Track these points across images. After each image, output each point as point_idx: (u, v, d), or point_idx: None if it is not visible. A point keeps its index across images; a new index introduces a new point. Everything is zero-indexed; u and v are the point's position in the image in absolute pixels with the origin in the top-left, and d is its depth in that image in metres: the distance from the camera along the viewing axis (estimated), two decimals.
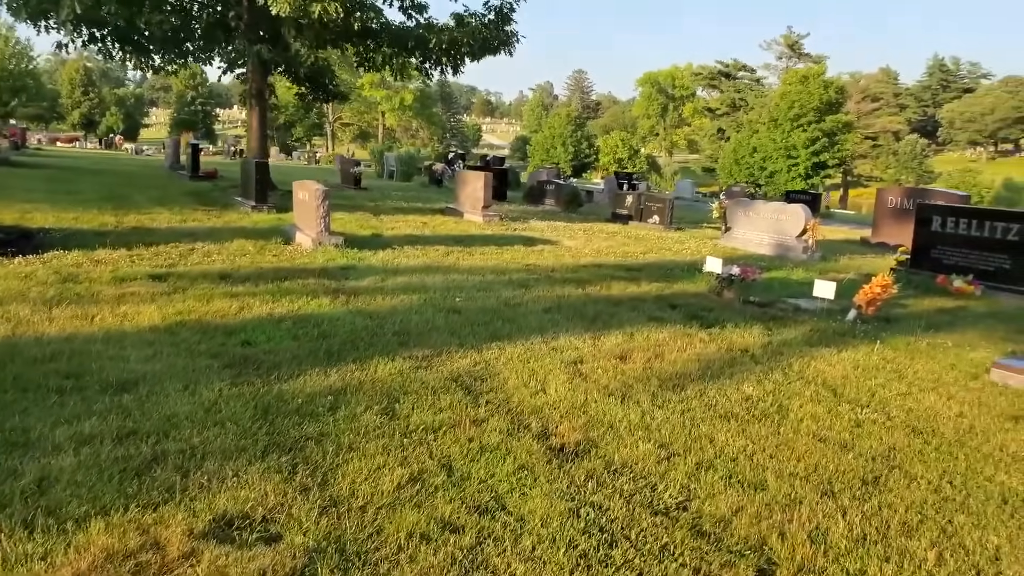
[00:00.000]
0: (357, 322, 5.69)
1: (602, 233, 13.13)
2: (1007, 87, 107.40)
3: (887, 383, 5.25)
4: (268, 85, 17.38)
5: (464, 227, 12.45)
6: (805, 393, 4.88)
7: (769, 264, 10.65)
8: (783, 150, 47.25)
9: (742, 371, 5.26)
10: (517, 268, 8.81)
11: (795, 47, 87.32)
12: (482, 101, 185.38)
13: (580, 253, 10.51)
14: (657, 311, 7.02)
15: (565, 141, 79.14)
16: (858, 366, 5.63)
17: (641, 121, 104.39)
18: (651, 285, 8.37)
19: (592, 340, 5.79)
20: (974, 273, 9.12)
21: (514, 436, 3.80)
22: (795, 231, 11.43)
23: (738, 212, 12.52)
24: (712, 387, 4.86)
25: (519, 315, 6.40)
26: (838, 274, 10.24)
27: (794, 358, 5.71)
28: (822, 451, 3.94)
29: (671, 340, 5.97)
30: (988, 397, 5.11)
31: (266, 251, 8.44)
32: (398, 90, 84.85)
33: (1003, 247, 8.88)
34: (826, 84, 47.24)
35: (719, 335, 6.26)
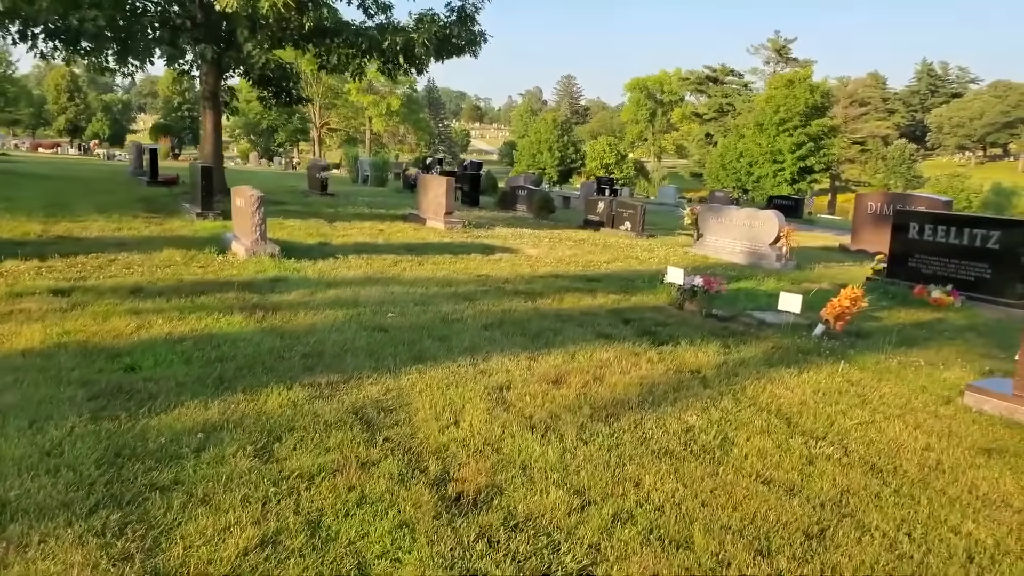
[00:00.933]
0: (265, 343, 5.17)
1: (569, 241, 12.66)
2: (995, 92, 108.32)
3: (849, 410, 4.78)
4: (230, 88, 16.86)
5: (423, 234, 11.94)
6: (755, 423, 4.39)
7: (740, 273, 10.21)
8: (769, 155, 47.06)
9: (688, 397, 4.77)
10: (467, 279, 8.31)
11: (782, 51, 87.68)
12: (471, 107, 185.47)
13: (540, 262, 10.02)
14: (608, 327, 6.54)
15: (551, 146, 78.95)
16: (819, 390, 5.16)
17: (629, 126, 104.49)
18: (608, 297, 7.89)
19: (528, 361, 5.29)
20: (953, 283, 8.70)
21: (405, 483, 3.29)
22: (768, 238, 11.00)
23: (710, 219, 12.09)
24: (651, 416, 4.37)
25: (454, 332, 5.90)
26: (812, 284, 9.82)
27: (749, 381, 5.23)
28: (764, 497, 3.45)
29: (616, 360, 5.48)
30: (960, 426, 4.65)
31: (194, 261, 7.90)
32: (385, 95, 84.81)
33: (983, 255, 8.47)
34: (812, 88, 47.12)
35: (670, 354, 5.78)
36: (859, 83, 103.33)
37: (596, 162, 76.64)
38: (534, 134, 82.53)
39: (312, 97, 18.36)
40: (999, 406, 4.99)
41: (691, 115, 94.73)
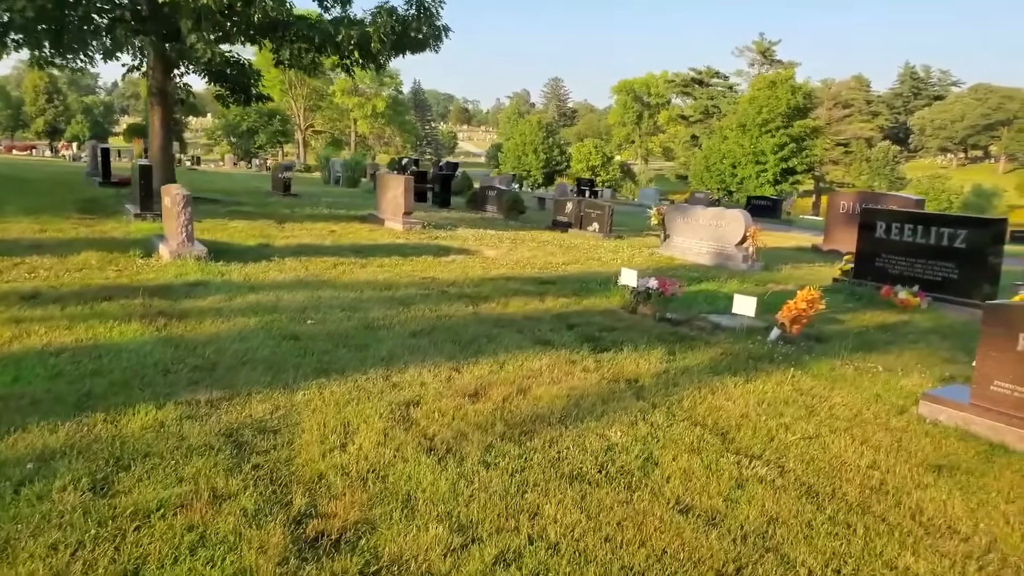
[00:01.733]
0: (154, 354, 4.70)
1: (533, 242, 12.24)
2: (976, 95, 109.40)
3: (793, 423, 4.39)
4: (185, 85, 16.31)
5: (377, 236, 11.48)
6: (686, 440, 3.98)
7: (704, 275, 9.83)
8: (751, 156, 46.94)
9: (618, 410, 4.36)
10: (410, 282, 7.87)
11: (767, 53, 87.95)
12: (459, 109, 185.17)
13: (495, 264, 9.60)
14: (549, 332, 6.12)
15: (536, 148, 78.76)
16: (764, 400, 4.76)
17: (616, 129, 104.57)
18: (558, 300, 7.48)
19: (451, 372, 4.86)
20: (920, 284, 8.37)
21: (259, 521, 2.85)
22: (735, 239, 10.64)
23: (676, 219, 11.72)
24: (570, 433, 3.95)
25: (376, 341, 5.45)
26: (777, 285, 9.47)
27: (689, 391, 4.83)
28: (679, 529, 3.03)
29: (548, 369, 5.06)
30: (911, 439, 4.27)
31: (111, 265, 7.40)
32: (370, 97, 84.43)
33: (950, 255, 8.14)
34: (794, 89, 47.08)
35: (610, 362, 5.37)
36: (843, 85, 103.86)
37: (582, 164, 76.55)
38: (519, 136, 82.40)
39: (271, 95, 17.70)
40: (955, 416, 4.62)
41: (677, 117, 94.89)
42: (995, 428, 4.44)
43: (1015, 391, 4.43)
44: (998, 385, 4.51)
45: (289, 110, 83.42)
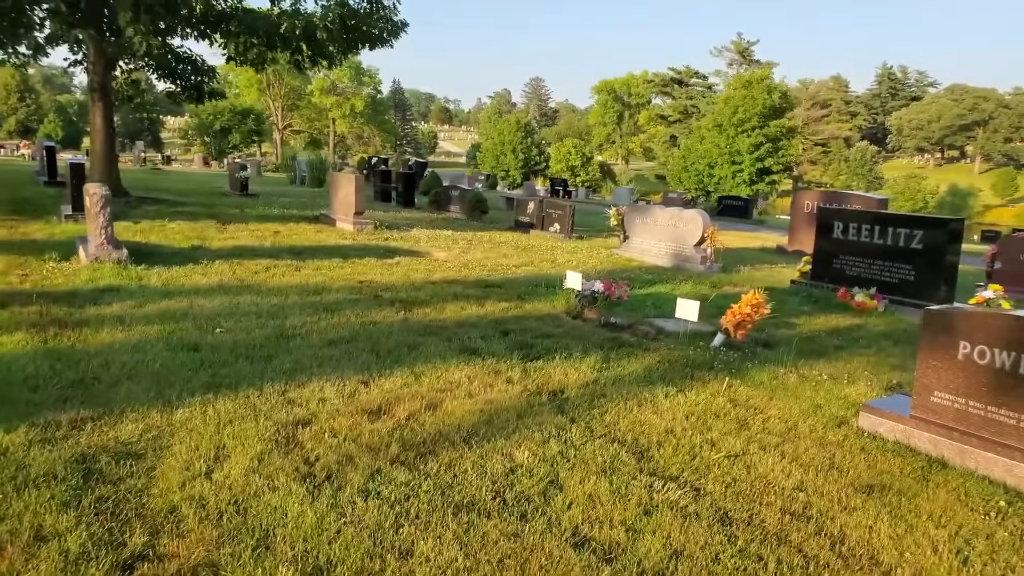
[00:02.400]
0: (28, 368, 4.31)
1: (489, 243, 11.92)
2: (952, 95, 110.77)
3: (721, 439, 4.10)
4: (134, 81, 15.81)
5: (324, 236, 11.10)
6: (599, 459, 3.68)
7: (659, 276, 9.57)
8: (727, 155, 46.98)
9: (533, 426, 4.05)
10: (344, 286, 7.51)
11: (745, 53, 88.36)
12: (439, 108, 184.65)
13: (442, 266, 9.26)
14: (480, 340, 5.80)
15: (515, 148, 78.59)
16: (693, 413, 4.47)
17: (597, 129, 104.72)
18: (499, 305, 7.16)
19: (358, 386, 4.52)
20: (877, 286, 8.16)
21: (79, 567, 2.49)
22: (693, 239, 10.39)
23: (635, 219, 11.45)
24: (473, 454, 3.63)
25: (284, 351, 5.10)
26: (733, 287, 9.23)
27: (616, 403, 4.53)
28: (568, 566, 2.73)
29: (468, 382, 4.74)
30: (845, 456, 4.00)
31: (19, 269, 6.98)
32: (349, 97, 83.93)
33: (907, 256, 7.94)
34: (770, 89, 47.19)
35: (538, 371, 5.06)
36: (821, 85, 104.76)
37: (561, 164, 76.53)
38: (497, 135, 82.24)
39: (224, 91, 17.11)
40: (894, 429, 4.37)
41: (657, 117, 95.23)
42: (935, 442, 4.19)
43: (955, 402, 4.18)
44: (939, 396, 4.26)
45: (267, 109, 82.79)
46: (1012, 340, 3.93)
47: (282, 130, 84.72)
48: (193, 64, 15.46)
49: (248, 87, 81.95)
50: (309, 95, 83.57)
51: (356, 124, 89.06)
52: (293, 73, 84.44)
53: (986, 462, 3.97)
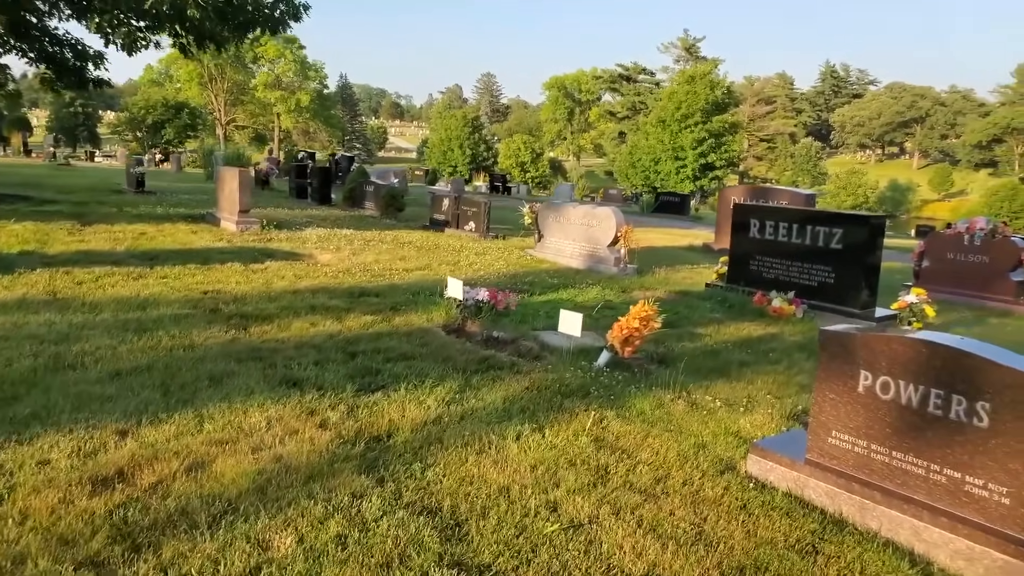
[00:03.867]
0: None
1: (392, 243, 10.92)
2: (891, 93, 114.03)
3: (568, 499, 3.23)
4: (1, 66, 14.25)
5: (197, 238, 9.94)
6: (388, 545, 2.76)
7: (568, 280, 8.72)
8: (671, 151, 46.79)
9: (322, 493, 3.11)
10: (181, 298, 6.44)
11: (691, 50, 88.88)
12: (390, 104, 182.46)
13: (319, 271, 8.24)
14: (313, 367, 4.82)
15: (462, 143, 77.57)
16: (544, 461, 3.59)
17: (548, 125, 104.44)
18: (362, 319, 6.19)
19: (111, 437, 3.52)
20: (796, 289, 7.47)
21: None
22: (606, 239, 9.60)
23: (549, 218, 10.61)
24: (214, 544, 2.67)
25: (43, 388, 4.04)
26: (646, 291, 8.46)
27: (451, 451, 3.63)
28: None
29: (266, 427, 3.78)
30: (720, 520, 3.17)
31: None
32: (294, 91, 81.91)
33: (827, 257, 7.26)
34: (713, 84, 47.16)
35: (368, 409, 4.13)
36: (766, 82, 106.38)
37: (511, 160, 75.86)
38: (444, 131, 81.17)
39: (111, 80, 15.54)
40: (786, 477, 3.57)
41: (606, 114, 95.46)
42: (832, 495, 3.40)
43: (855, 446, 3.40)
44: (837, 437, 3.48)
45: (209, 104, 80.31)
46: (920, 370, 3.16)
47: (225, 125, 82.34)
48: (73, 48, 13.99)
49: (189, 81, 79.50)
50: (253, 90, 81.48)
51: (302, 119, 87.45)
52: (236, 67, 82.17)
53: (890, 522, 3.19)
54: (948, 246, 9.58)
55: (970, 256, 9.32)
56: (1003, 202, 59.48)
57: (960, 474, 3.05)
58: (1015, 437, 2.88)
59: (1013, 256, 9.02)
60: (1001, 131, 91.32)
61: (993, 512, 2.95)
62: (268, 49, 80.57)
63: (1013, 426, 2.88)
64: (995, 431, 2.93)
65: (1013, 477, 2.89)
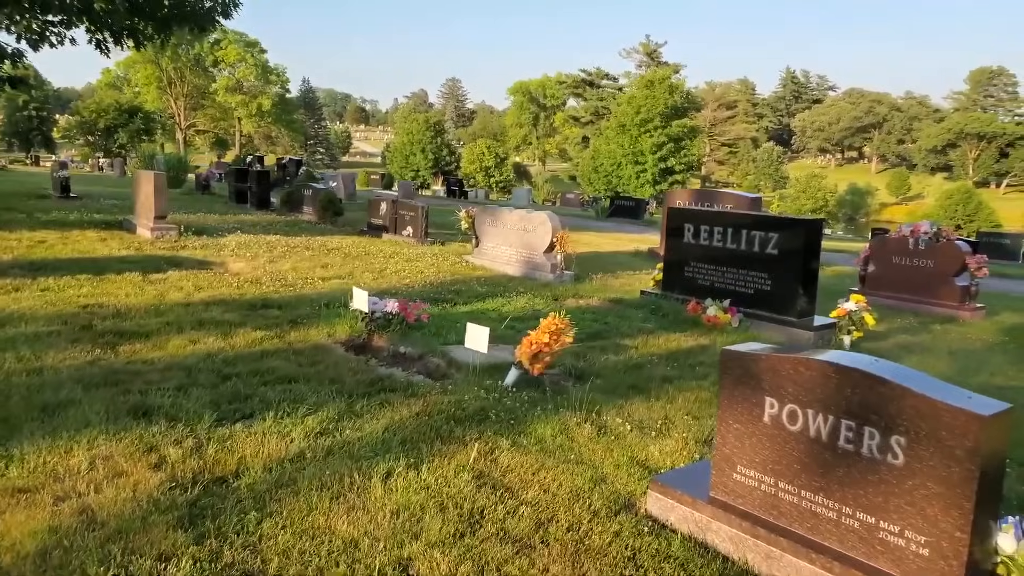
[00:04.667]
0: None
1: (318, 249, 10.32)
2: (850, 98, 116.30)
3: (425, 554, 2.74)
4: None
5: (103, 247, 9.24)
6: None
7: (498, 288, 8.24)
8: (631, 156, 46.73)
9: (119, 556, 2.56)
10: (50, 315, 5.80)
11: (653, 55, 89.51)
12: (355, 108, 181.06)
13: (225, 282, 7.63)
14: (174, 392, 4.26)
15: (424, 147, 76.83)
16: (410, 506, 3.10)
17: (513, 130, 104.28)
18: (253, 335, 5.63)
19: None
20: (732, 297, 7.10)
21: None
22: (542, 245, 9.16)
23: (485, 223, 10.13)
24: None
25: None
26: (580, 299, 8.02)
27: (302, 496, 3.12)
28: None
29: (88, 469, 3.25)
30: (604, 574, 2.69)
31: None
32: (255, 95, 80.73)
33: (763, 263, 6.90)
34: (672, 89, 47.25)
35: (221, 444, 3.60)
36: (727, 87, 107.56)
37: (475, 165, 75.41)
38: (406, 135, 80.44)
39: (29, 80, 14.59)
40: (688, 518, 3.13)
41: (570, 119, 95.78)
42: (737, 540, 2.96)
43: (762, 483, 2.97)
44: (743, 473, 3.05)
45: (168, 108, 78.65)
46: (828, 398, 2.74)
47: (185, 130, 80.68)
48: None
49: (147, 84, 77.75)
50: (214, 94, 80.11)
51: (263, 124, 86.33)
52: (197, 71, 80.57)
53: (798, 574, 2.76)
54: (893, 250, 9.34)
55: (915, 260, 9.09)
56: (957, 205, 60.77)
57: (874, 519, 2.63)
58: (932, 477, 2.46)
59: (957, 260, 8.80)
60: (955, 136, 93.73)
61: (911, 564, 2.53)
62: (229, 53, 79.36)
63: (930, 464, 2.47)
64: (911, 470, 2.52)
65: (931, 524, 2.48)
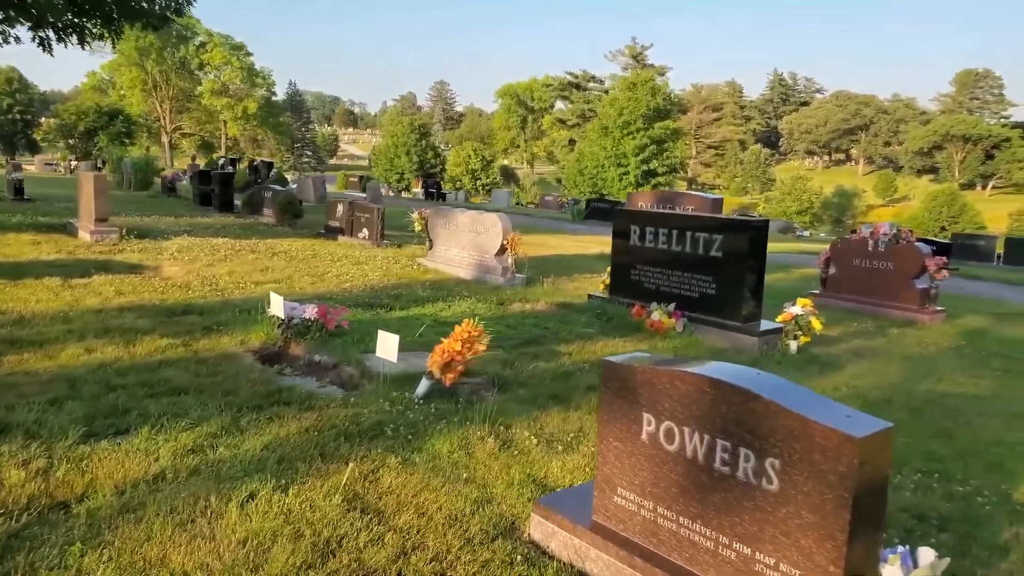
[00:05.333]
0: None
1: (263, 253, 10.02)
2: (837, 101, 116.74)
3: None
4: None
5: (32, 250, 8.92)
6: None
7: (440, 293, 7.96)
8: (614, 158, 46.56)
9: None
10: None
11: (639, 58, 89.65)
12: (343, 111, 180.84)
13: (151, 286, 7.33)
14: (46, 406, 3.96)
15: (409, 150, 76.50)
16: (260, 533, 2.82)
17: (501, 133, 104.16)
18: (159, 343, 5.33)
19: None
20: (677, 301, 6.85)
21: None
22: (493, 248, 8.89)
23: (438, 224, 9.86)
24: None
25: None
26: (526, 304, 7.76)
27: (145, 522, 2.83)
28: None
29: None
30: None
31: None
32: (241, 98, 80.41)
33: (708, 266, 6.66)
34: (654, 91, 47.13)
35: (79, 462, 3.31)
36: (713, 89, 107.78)
37: (461, 167, 75.21)
38: (391, 137, 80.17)
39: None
40: (568, 544, 2.87)
41: (557, 122, 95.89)
42: (615, 570, 2.71)
43: (642, 507, 2.71)
44: (623, 495, 2.79)
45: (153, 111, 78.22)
46: (704, 415, 2.48)
47: (170, 133, 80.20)
48: None
49: (132, 87, 77.24)
50: (199, 97, 79.71)
51: (249, 127, 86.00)
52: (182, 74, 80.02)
53: None
54: (854, 252, 9.14)
55: (875, 262, 8.88)
56: (942, 207, 61.01)
57: (751, 550, 2.38)
58: (806, 505, 2.21)
59: (917, 262, 8.60)
60: (941, 138, 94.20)
61: None
62: (214, 56, 78.97)
63: (804, 491, 2.22)
64: (785, 496, 2.27)
65: (806, 556, 2.22)
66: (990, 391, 5.78)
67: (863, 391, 5.35)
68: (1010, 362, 6.86)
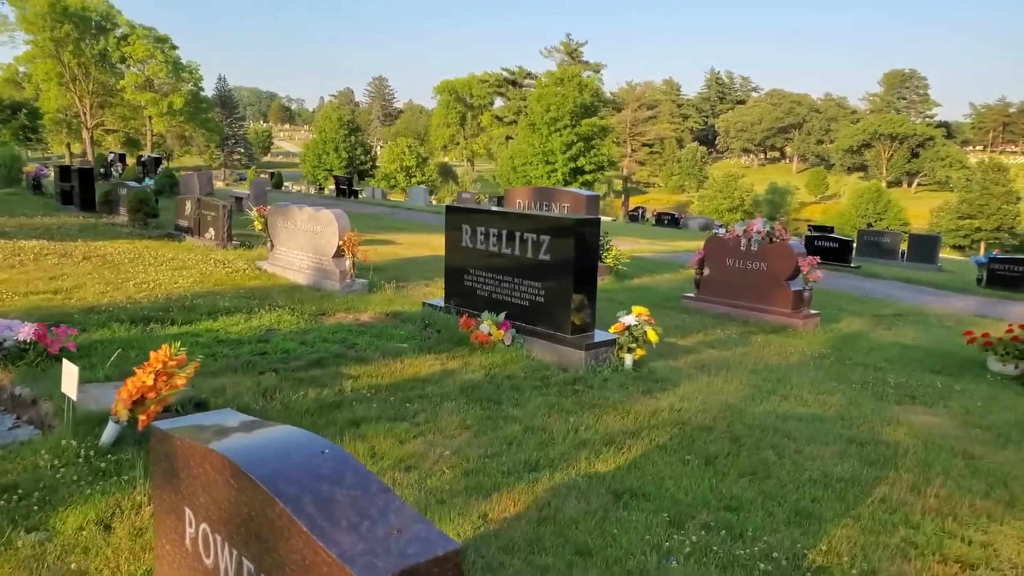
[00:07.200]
0: None
1: (74, 256, 8.84)
2: (772, 100, 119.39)
3: None
4: None
5: None
6: None
7: (249, 303, 6.97)
8: (541, 155, 46.00)
9: None
10: None
11: (574, 54, 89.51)
12: (279, 107, 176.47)
13: None
14: None
15: (338, 146, 74.65)
16: None
17: (439, 130, 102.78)
18: None
19: None
20: (508, 310, 6.07)
21: None
22: (331, 249, 7.96)
23: (278, 223, 8.87)
24: None
25: None
26: (349, 313, 6.85)
27: None
28: None
29: None
30: None
31: None
32: (167, 93, 76.94)
33: (537, 270, 5.90)
34: (582, 86, 46.76)
35: None
36: (647, 86, 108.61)
37: (395, 164, 73.73)
38: (319, 133, 78.23)
39: None
40: None
41: (495, 119, 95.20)
42: None
43: None
44: None
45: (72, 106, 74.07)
46: (231, 519, 1.64)
47: (91, 129, 76.10)
48: None
49: (47, 80, 72.85)
50: (122, 91, 75.95)
51: (175, 123, 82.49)
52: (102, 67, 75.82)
53: None
54: (727, 251, 8.55)
55: (748, 263, 8.31)
56: (869, 203, 62.77)
57: None
58: None
59: (790, 262, 8.06)
60: (869, 137, 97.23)
61: None
62: (136, 49, 75.09)
63: None
64: None
65: None
66: (836, 411, 5.17)
67: (686, 416, 4.65)
68: (870, 372, 6.33)
